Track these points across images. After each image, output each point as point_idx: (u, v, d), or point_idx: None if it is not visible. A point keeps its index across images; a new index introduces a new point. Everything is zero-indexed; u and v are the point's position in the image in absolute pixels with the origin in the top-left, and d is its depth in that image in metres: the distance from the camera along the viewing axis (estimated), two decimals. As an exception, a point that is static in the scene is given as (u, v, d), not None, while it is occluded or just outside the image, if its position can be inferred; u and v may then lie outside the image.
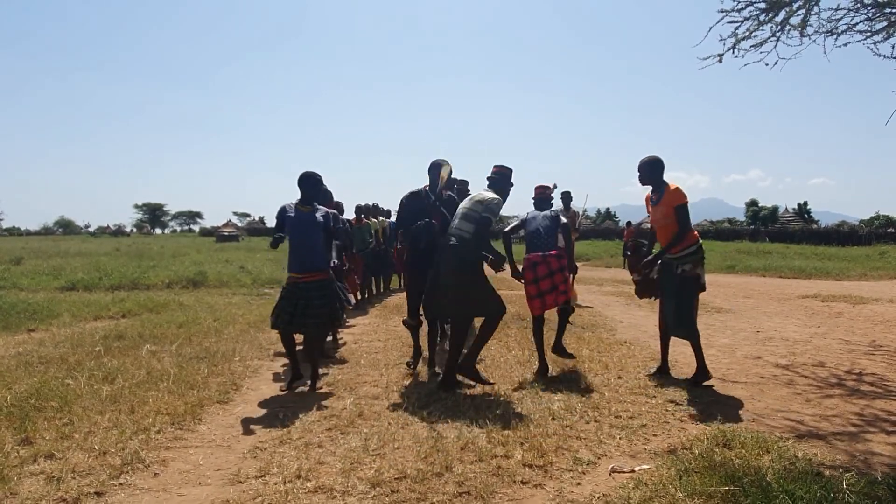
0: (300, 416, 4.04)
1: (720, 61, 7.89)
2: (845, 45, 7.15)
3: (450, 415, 4.04)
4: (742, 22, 7.29)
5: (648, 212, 5.04)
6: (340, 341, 6.65)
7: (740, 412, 4.12)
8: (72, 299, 9.89)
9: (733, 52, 7.60)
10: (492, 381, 4.79)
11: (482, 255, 4.68)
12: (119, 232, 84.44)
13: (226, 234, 49.45)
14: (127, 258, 19.92)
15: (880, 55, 6.99)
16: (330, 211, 5.22)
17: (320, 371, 5.03)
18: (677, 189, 4.74)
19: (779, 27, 7.21)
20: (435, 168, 5.31)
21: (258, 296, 11.55)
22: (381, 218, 11.85)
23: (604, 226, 46.97)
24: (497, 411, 4.05)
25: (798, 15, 7.07)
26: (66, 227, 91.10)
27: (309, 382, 4.81)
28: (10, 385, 4.60)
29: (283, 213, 4.93)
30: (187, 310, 8.87)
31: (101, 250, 26.62)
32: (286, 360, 5.72)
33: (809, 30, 7.10)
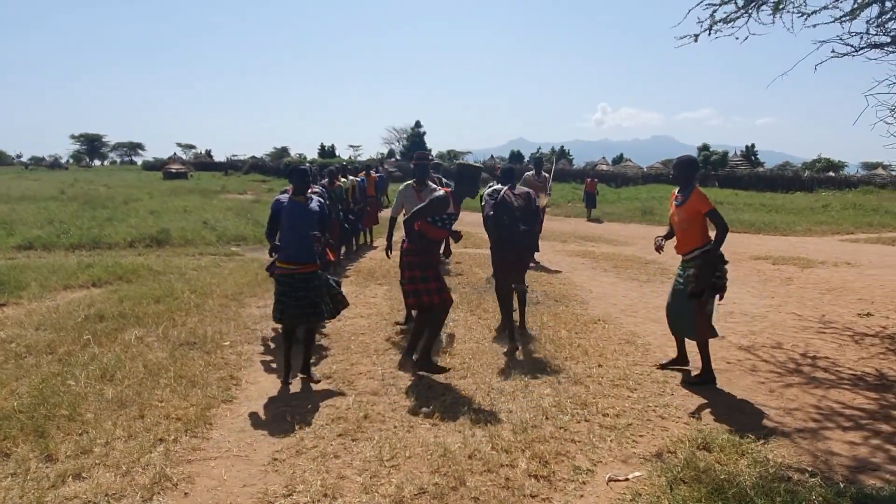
0: (308, 418, 4.24)
1: (696, 41, 8.08)
2: (814, 26, 7.42)
3: (448, 413, 4.31)
4: (720, 6, 7.45)
5: (672, 208, 5.08)
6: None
7: (713, 407, 4.52)
8: (36, 264, 9.65)
9: (709, 34, 7.79)
10: (479, 369, 5.13)
11: None
12: (56, 164, 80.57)
13: (174, 171, 47.81)
14: (77, 206, 19.22)
15: (848, 45, 7.29)
16: (320, 196, 5.29)
17: (313, 357, 5.24)
18: (704, 195, 4.80)
19: (754, 7, 7.41)
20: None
21: (226, 256, 11.49)
22: (350, 177, 11.80)
23: (558, 166, 46.24)
24: (493, 409, 4.35)
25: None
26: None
27: (300, 373, 5.00)
28: (6, 384, 4.63)
29: (278, 204, 4.98)
30: (160, 278, 8.79)
31: (46, 192, 25.55)
32: (272, 344, 5.91)
33: (782, 6, 7.33)
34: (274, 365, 5.39)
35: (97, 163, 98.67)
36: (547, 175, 10.66)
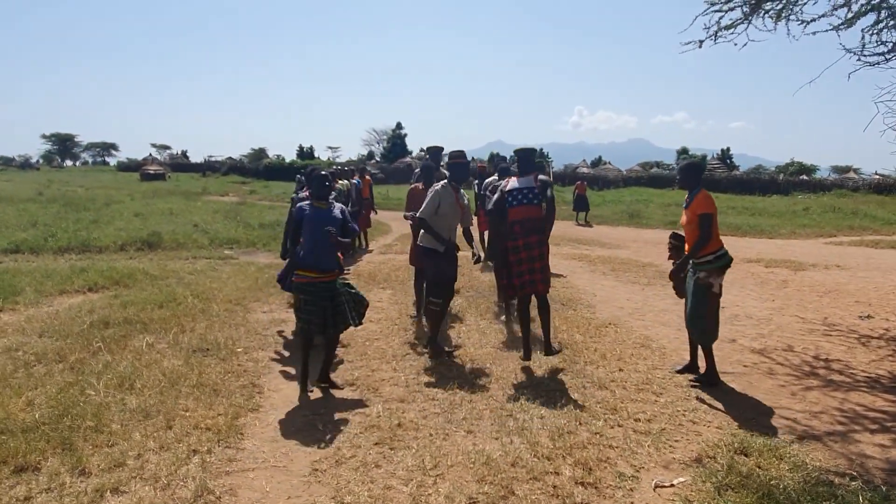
0: (339, 426, 4.17)
1: (700, 46, 8.17)
2: (814, 33, 7.55)
3: (479, 419, 4.30)
4: (726, 13, 7.56)
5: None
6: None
7: (739, 411, 4.56)
8: (27, 269, 9.40)
9: (714, 40, 7.90)
10: (502, 374, 5.13)
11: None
12: (27, 165, 78.96)
13: (151, 172, 47.27)
14: (58, 207, 18.81)
15: (847, 50, 7.38)
16: (342, 207, 5.19)
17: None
18: (707, 197, 4.89)
19: (758, 15, 7.54)
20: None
21: (221, 259, 11.32)
22: (345, 181, 11.71)
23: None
24: (525, 415, 4.33)
25: (780, 2, 7.39)
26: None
27: (320, 381, 4.92)
28: (21, 393, 4.49)
29: (301, 212, 4.87)
30: (158, 283, 8.63)
31: (22, 194, 25.00)
32: (287, 352, 5.83)
33: (785, 14, 7.47)
34: (292, 372, 5.31)
35: (69, 163, 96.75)
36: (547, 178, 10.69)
